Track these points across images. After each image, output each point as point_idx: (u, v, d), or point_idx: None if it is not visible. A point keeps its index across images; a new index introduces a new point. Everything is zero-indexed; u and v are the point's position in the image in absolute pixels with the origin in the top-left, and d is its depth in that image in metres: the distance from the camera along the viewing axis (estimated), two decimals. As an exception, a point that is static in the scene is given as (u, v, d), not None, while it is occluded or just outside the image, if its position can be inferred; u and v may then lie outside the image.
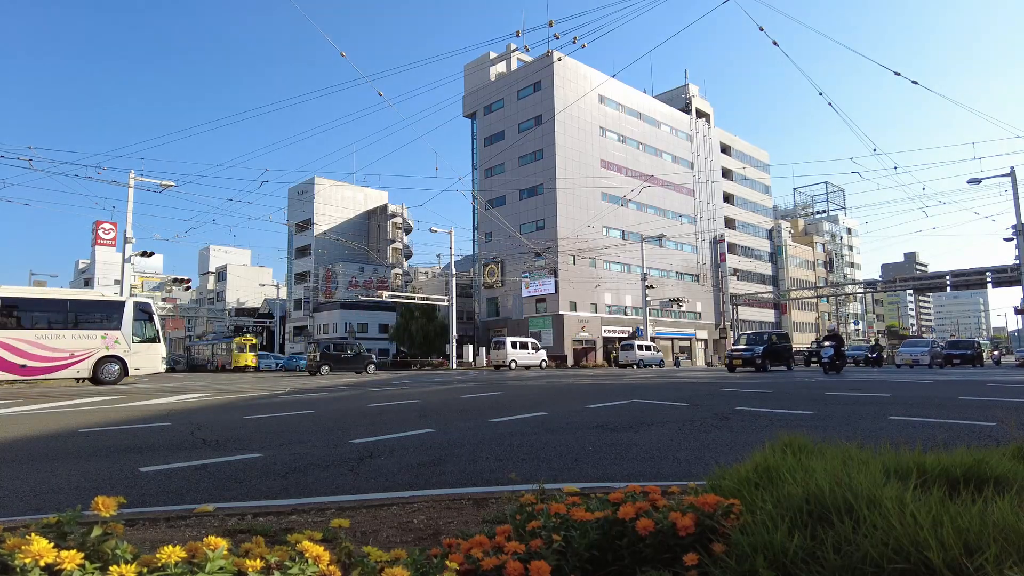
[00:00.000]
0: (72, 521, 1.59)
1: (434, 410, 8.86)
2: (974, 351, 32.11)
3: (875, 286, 69.14)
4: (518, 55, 58.89)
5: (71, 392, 15.13)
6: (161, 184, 28.27)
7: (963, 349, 32.64)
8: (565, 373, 26.17)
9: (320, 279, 66.73)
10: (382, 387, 15.41)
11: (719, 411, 7.97)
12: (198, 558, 1.37)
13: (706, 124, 70.19)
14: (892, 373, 21.73)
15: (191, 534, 2.78)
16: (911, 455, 2.57)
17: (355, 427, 6.96)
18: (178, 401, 11.57)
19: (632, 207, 57.25)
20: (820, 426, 6.37)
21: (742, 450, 4.69)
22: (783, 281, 78.10)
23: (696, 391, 11.85)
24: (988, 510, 1.69)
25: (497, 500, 3.37)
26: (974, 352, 31.88)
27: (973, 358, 31.12)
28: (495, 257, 56.84)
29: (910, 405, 8.46)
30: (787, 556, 1.61)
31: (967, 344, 34.59)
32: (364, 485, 4.00)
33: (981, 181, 31.63)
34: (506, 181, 57.30)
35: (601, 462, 4.62)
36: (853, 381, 15.07)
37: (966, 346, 33.73)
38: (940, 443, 3.45)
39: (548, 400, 10.43)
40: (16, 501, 3.69)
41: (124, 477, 4.36)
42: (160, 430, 7.00)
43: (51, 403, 11.41)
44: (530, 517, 2.06)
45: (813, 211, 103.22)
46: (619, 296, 56.91)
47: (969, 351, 31.85)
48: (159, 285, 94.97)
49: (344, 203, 70.75)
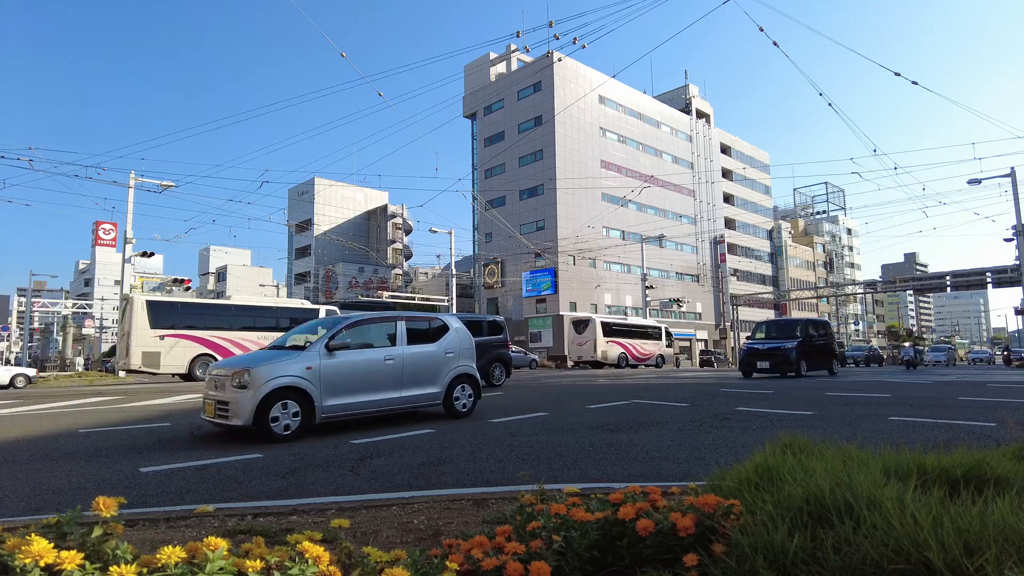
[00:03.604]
0: (72, 521, 1.59)
1: (434, 410, 8.85)
2: (948, 353, 40.52)
3: (875, 287, 68.97)
4: (518, 55, 58.91)
5: (72, 392, 15.13)
6: (161, 184, 28.28)
7: (940, 352, 40.78)
8: (565, 374, 26.18)
9: (320, 279, 66.72)
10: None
11: (719, 411, 7.97)
12: (198, 558, 1.37)
13: (706, 124, 70.21)
14: (892, 374, 21.73)
15: (191, 534, 2.78)
16: (911, 456, 2.57)
17: (355, 427, 6.95)
18: (178, 401, 11.57)
19: (632, 207, 57.24)
20: (820, 426, 6.37)
21: (742, 451, 4.69)
22: (783, 281, 78.10)
23: (696, 391, 11.84)
24: (988, 511, 1.69)
25: (497, 501, 3.37)
26: (948, 355, 40.08)
27: (946, 360, 38.89)
28: (495, 257, 56.84)
29: (910, 406, 8.45)
30: (787, 557, 1.61)
31: (943, 348, 42.69)
32: (364, 485, 4.00)
33: (981, 181, 31.60)
34: (506, 181, 57.30)
35: (601, 463, 4.62)
36: (853, 381, 15.06)
37: (942, 350, 41.99)
38: (940, 444, 3.44)
39: (548, 401, 10.42)
40: (16, 501, 3.69)
41: (124, 477, 4.36)
42: (160, 430, 7.00)
43: (52, 403, 11.41)
44: (530, 518, 2.06)
45: (813, 211, 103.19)
46: (619, 296, 56.90)
47: (943, 355, 39.78)
48: (159, 285, 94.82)
49: (344, 203, 70.76)
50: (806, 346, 17.55)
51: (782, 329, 19.08)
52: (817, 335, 19.00)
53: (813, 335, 18.51)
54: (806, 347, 17.52)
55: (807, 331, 18.28)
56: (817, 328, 19.61)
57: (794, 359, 16.80)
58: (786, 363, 16.90)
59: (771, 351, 17.31)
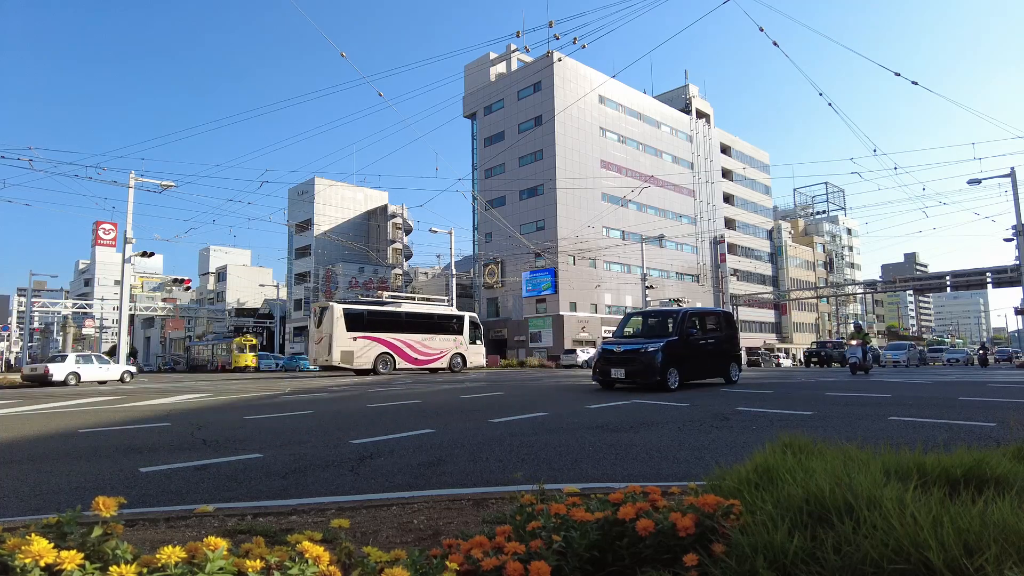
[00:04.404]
0: (72, 521, 1.59)
1: (434, 411, 8.86)
2: (910, 351, 37.45)
3: (875, 287, 69.05)
4: (518, 55, 58.90)
5: (72, 392, 15.13)
6: (161, 184, 28.28)
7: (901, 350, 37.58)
8: (565, 374, 26.17)
9: (320, 279, 66.70)
10: (382, 387, 15.41)
11: (719, 411, 7.97)
12: (198, 558, 1.37)
13: (706, 124, 70.21)
14: (892, 374, 21.72)
15: (191, 534, 2.78)
16: (911, 456, 2.57)
17: (355, 427, 6.96)
18: (178, 401, 11.57)
19: (632, 207, 57.26)
20: (820, 426, 6.37)
21: (742, 450, 4.69)
22: (783, 281, 78.12)
23: (695, 391, 11.84)
24: (988, 511, 1.69)
25: (497, 500, 3.37)
26: (910, 353, 36.93)
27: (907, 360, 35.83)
28: (495, 257, 56.84)
29: (910, 406, 8.46)
30: (787, 557, 1.61)
31: (903, 347, 39.92)
32: (364, 485, 4.00)
33: (981, 181, 31.63)
34: (506, 181, 57.30)
35: (601, 462, 4.62)
36: (853, 381, 15.07)
37: (902, 347, 38.94)
38: (940, 444, 3.45)
39: (548, 400, 10.43)
40: (16, 501, 3.69)
41: (124, 477, 4.36)
42: (160, 430, 7.00)
43: (52, 403, 11.42)
44: (530, 517, 2.06)
45: (813, 211, 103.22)
46: (619, 296, 56.91)
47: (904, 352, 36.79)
48: (159, 285, 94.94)
49: (344, 203, 70.74)
50: (681, 347, 12.71)
51: (652, 323, 14.22)
52: (703, 331, 13.93)
53: (693, 332, 13.35)
54: (680, 348, 12.68)
55: (684, 326, 13.09)
56: (705, 322, 14.41)
57: (658, 365, 11.99)
58: (645, 370, 12.09)
59: (627, 355, 12.51)
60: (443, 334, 27.79)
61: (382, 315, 26.16)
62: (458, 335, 28.33)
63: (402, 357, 26.09)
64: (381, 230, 72.03)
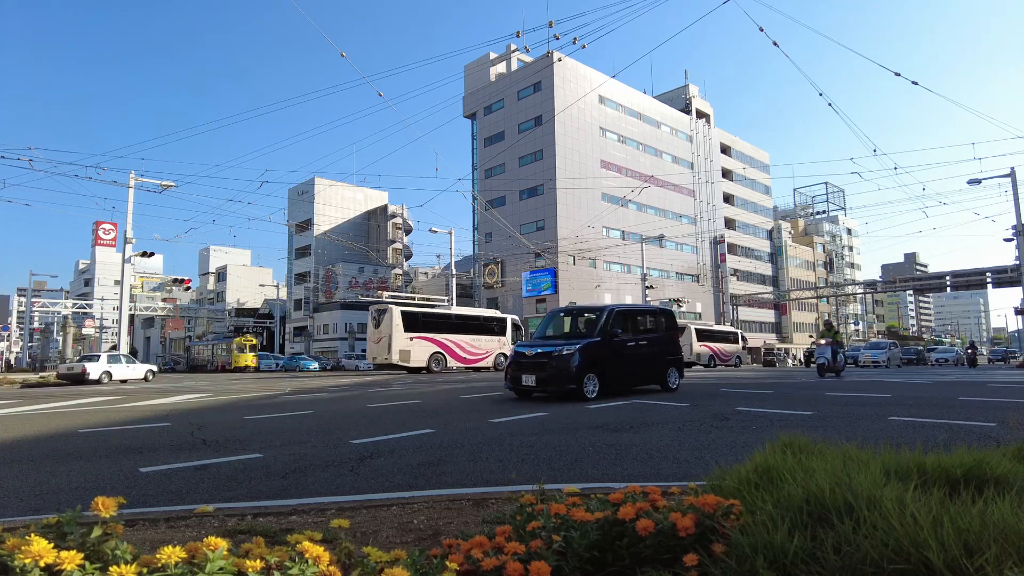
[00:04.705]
0: (72, 521, 1.59)
1: (434, 411, 8.86)
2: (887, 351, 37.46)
3: (875, 287, 69.10)
4: (518, 55, 58.89)
5: (72, 392, 15.14)
6: (161, 184, 28.27)
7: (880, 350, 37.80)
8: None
9: (320, 279, 66.71)
10: (382, 387, 15.41)
11: (719, 411, 7.97)
12: (198, 558, 1.37)
13: (706, 124, 70.20)
14: (892, 374, 21.72)
15: (191, 534, 2.78)
16: (911, 456, 2.57)
17: (355, 427, 6.96)
18: (178, 401, 11.57)
19: (632, 207, 57.25)
20: (820, 426, 6.37)
21: (742, 450, 4.69)
22: (783, 281, 78.10)
23: (695, 391, 11.84)
24: (988, 511, 1.69)
25: (497, 501, 3.37)
26: (887, 352, 36.80)
27: (887, 360, 36.00)
28: (495, 257, 56.83)
29: (910, 406, 8.46)
30: (787, 557, 1.61)
31: (883, 345, 39.86)
32: (364, 485, 3.99)
33: (981, 181, 31.63)
34: (506, 181, 57.29)
35: (601, 462, 4.62)
36: (853, 382, 15.06)
37: (882, 347, 38.99)
38: (940, 444, 3.45)
39: (547, 400, 10.41)
40: (16, 501, 3.69)
41: (124, 477, 4.35)
42: (160, 430, 7.00)
43: (52, 403, 11.42)
44: (530, 518, 2.06)
45: (813, 211, 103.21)
46: (619, 296, 56.86)
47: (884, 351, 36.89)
48: (159, 285, 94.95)
49: (344, 203, 70.74)
50: (604, 350, 10.65)
51: (580, 323, 11.86)
52: (634, 332, 11.72)
53: (618, 332, 11.08)
54: (603, 351, 10.63)
55: (609, 326, 10.92)
56: (636, 321, 12.18)
57: (573, 371, 10.08)
58: (559, 376, 10.17)
59: (539, 359, 10.59)
60: (488, 335, 29.51)
61: (435, 317, 27.93)
62: (501, 336, 30.03)
63: (452, 356, 27.65)
64: (381, 230, 72.03)
